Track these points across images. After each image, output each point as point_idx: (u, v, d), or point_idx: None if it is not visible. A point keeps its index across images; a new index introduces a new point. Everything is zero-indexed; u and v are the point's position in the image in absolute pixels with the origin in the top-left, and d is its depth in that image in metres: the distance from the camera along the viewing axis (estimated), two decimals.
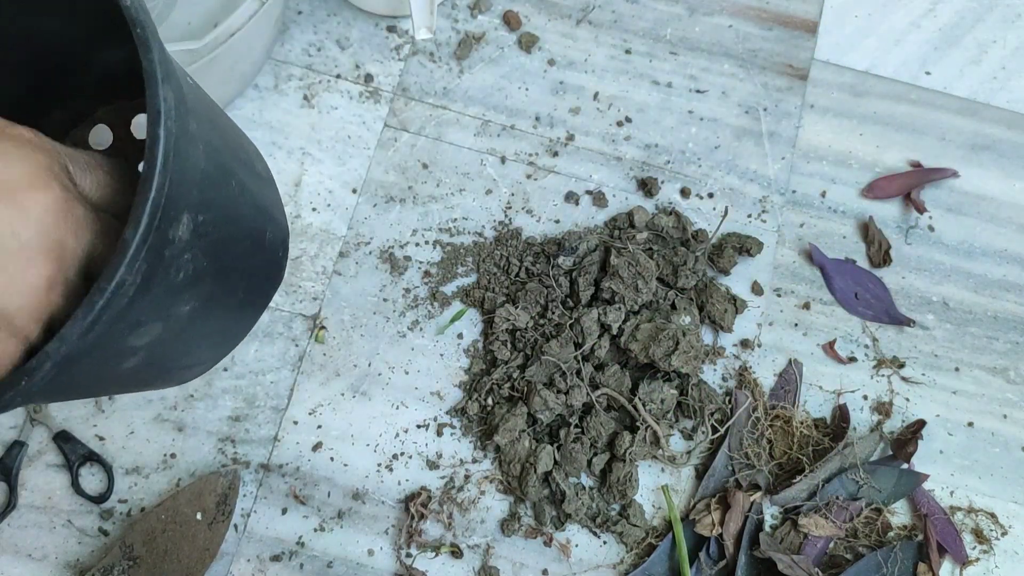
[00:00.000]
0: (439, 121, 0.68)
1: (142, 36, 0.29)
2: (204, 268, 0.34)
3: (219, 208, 0.34)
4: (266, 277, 0.43)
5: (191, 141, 0.31)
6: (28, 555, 0.57)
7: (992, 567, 0.60)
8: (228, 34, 0.58)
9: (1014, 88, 0.72)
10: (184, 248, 0.31)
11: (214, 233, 0.34)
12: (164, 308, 0.32)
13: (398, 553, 0.58)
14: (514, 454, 0.59)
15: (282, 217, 0.44)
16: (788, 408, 0.62)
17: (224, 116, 0.40)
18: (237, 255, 0.37)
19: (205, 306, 0.36)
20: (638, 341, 0.59)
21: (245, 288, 0.40)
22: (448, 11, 0.71)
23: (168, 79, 0.29)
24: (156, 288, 0.30)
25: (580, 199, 0.67)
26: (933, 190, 0.69)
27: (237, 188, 0.37)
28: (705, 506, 0.59)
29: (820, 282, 0.66)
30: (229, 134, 0.38)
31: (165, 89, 0.29)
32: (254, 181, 0.40)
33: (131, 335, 0.31)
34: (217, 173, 0.34)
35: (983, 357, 0.65)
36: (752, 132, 0.69)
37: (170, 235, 0.30)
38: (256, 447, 0.60)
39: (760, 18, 0.73)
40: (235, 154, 0.38)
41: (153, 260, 0.29)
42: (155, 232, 0.28)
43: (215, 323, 0.39)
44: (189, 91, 0.33)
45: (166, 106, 0.28)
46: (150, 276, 0.29)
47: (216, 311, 0.38)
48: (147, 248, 0.28)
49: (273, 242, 0.42)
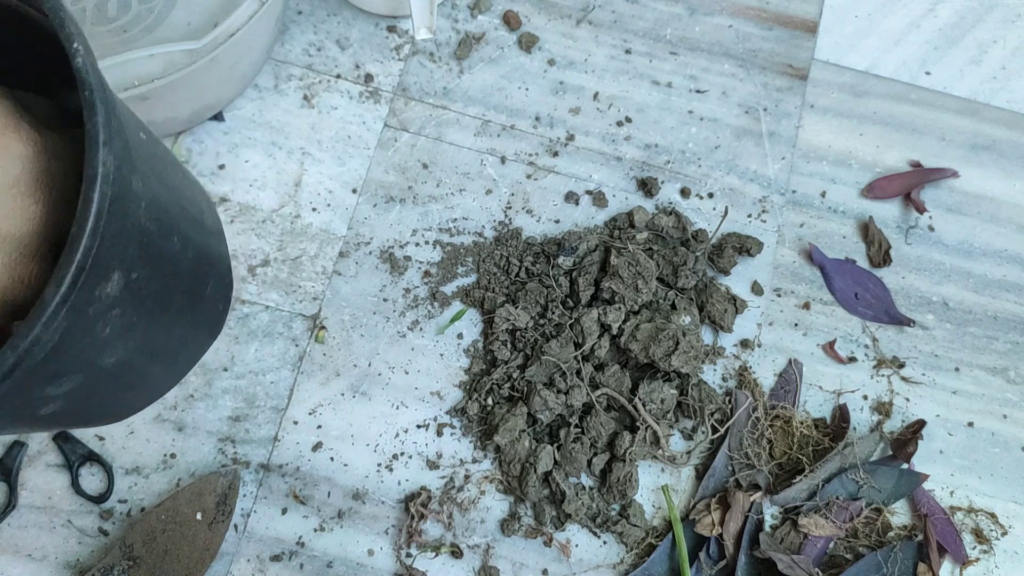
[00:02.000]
0: (439, 121, 0.68)
1: (89, 99, 0.29)
2: (135, 323, 0.34)
3: (158, 263, 0.34)
4: (203, 329, 0.43)
5: (133, 200, 0.31)
6: (28, 555, 0.57)
7: (992, 567, 0.60)
8: (228, 34, 0.58)
9: (1014, 88, 0.72)
10: (113, 304, 0.31)
11: (149, 287, 0.34)
12: (87, 360, 0.32)
13: (398, 553, 0.58)
14: (514, 454, 0.59)
15: (227, 272, 0.44)
16: (788, 408, 0.62)
17: (176, 169, 0.40)
18: (173, 308, 0.37)
19: (133, 358, 0.36)
20: (638, 341, 0.59)
21: (179, 339, 0.40)
22: (448, 11, 0.71)
23: (109, 143, 0.29)
24: (79, 343, 0.30)
25: (580, 199, 0.67)
26: (933, 190, 0.69)
27: (179, 243, 0.37)
28: (705, 506, 0.59)
29: (820, 282, 0.66)
30: (178, 188, 0.38)
31: (105, 152, 0.29)
32: (200, 235, 0.40)
33: (49, 385, 0.31)
34: (158, 230, 0.34)
35: (983, 357, 0.65)
36: (752, 132, 0.69)
37: (97, 293, 0.30)
38: (256, 447, 0.60)
39: (760, 18, 0.73)
40: (182, 208, 0.38)
41: (75, 318, 0.29)
42: (80, 290, 0.28)
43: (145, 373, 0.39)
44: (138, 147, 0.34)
45: (104, 170, 0.29)
46: (72, 332, 0.29)
47: (146, 363, 0.38)
48: (68, 307, 0.28)
49: (213, 294, 0.42)
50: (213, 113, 0.66)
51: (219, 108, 0.66)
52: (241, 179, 0.65)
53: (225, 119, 0.67)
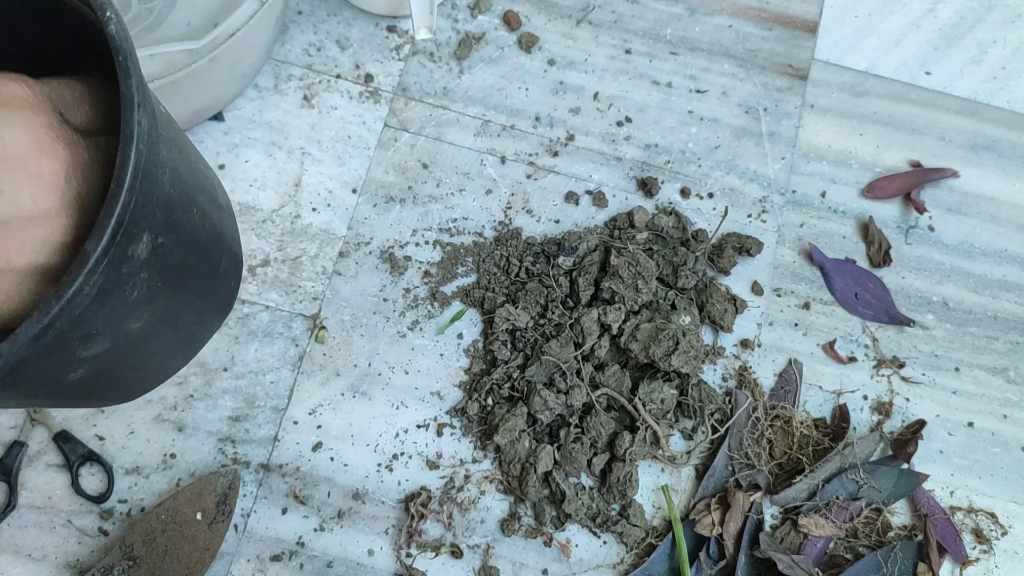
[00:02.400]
0: (439, 121, 0.68)
1: (123, 64, 0.30)
2: (159, 288, 0.35)
3: (179, 232, 0.36)
4: (217, 304, 0.45)
5: (159, 166, 0.33)
6: (28, 555, 0.57)
7: (992, 567, 0.60)
8: (228, 34, 0.58)
9: (1014, 88, 0.72)
10: (141, 267, 0.32)
11: (172, 255, 0.35)
12: (116, 323, 0.33)
13: (398, 553, 0.58)
14: (514, 454, 0.59)
15: (238, 249, 0.45)
16: (788, 408, 0.62)
17: (191, 145, 0.41)
18: (192, 279, 0.39)
19: (156, 326, 0.37)
20: (638, 341, 0.59)
21: (196, 311, 0.42)
22: (448, 11, 0.71)
23: (144, 104, 0.30)
24: (111, 302, 0.31)
25: (580, 199, 0.67)
26: (933, 190, 0.69)
27: (198, 215, 0.38)
28: (705, 506, 0.59)
29: (820, 282, 0.66)
30: (195, 163, 0.40)
31: (140, 114, 0.30)
32: (215, 210, 0.41)
33: (80, 346, 0.32)
34: (180, 198, 0.36)
35: (983, 357, 0.65)
36: (752, 132, 0.69)
37: (130, 252, 0.31)
38: (256, 447, 0.60)
39: (760, 18, 0.73)
40: (199, 183, 0.39)
41: (110, 274, 0.30)
42: (116, 247, 0.29)
43: (163, 343, 0.40)
44: (161, 119, 0.35)
45: (139, 130, 0.30)
46: (106, 290, 0.30)
47: (165, 332, 0.39)
48: (106, 262, 0.29)
49: (227, 271, 0.43)
50: (213, 113, 0.66)
51: (219, 108, 0.66)
52: (241, 179, 0.65)
53: (225, 119, 0.67)
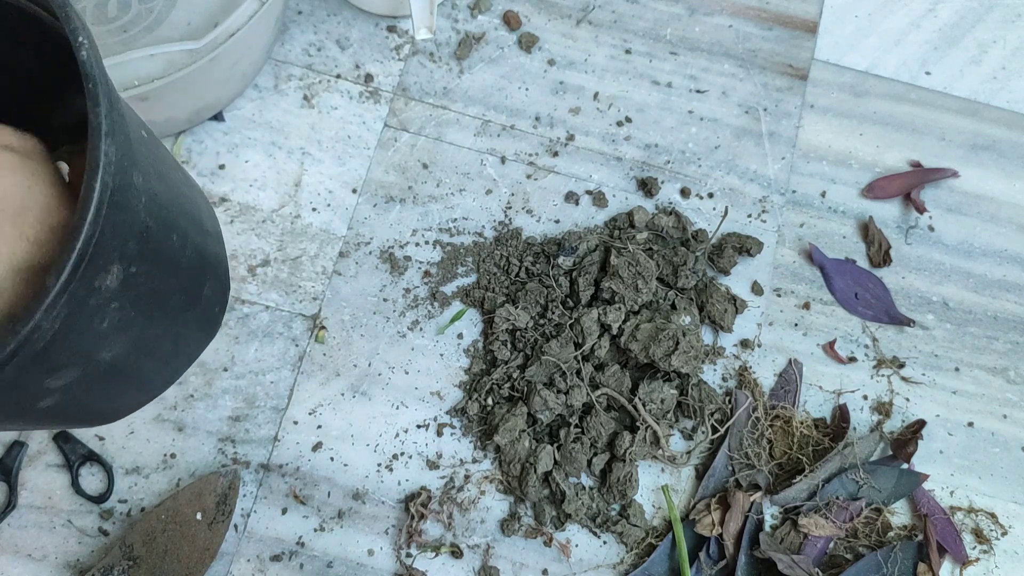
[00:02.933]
0: (439, 121, 0.68)
1: (92, 91, 0.30)
2: (132, 318, 0.34)
3: (157, 261, 0.35)
4: (199, 330, 0.44)
5: (134, 194, 0.32)
6: (28, 555, 0.57)
7: (992, 567, 0.60)
8: (228, 34, 0.58)
9: (1014, 88, 0.72)
10: (112, 297, 0.31)
11: (147, 284, 0.34)
12: (85, 354, 0.33)
13: (398, 553, 0.58)
14: (514, 454, 0.59)
15: (225, 274, 0.44)
16: (788, 408, 0.62)
17: (177, 170, 0.40)
18: (170, 307, 0.38)
19: (129, 354, 0.36)
20: (638, 341, 0.59)
21: (174, 338, 0.41)
22: (448, 11, 0.71)
23: (112, 134, 0.30)
24: (78, 334, 0.31)
25: (580, 199, 0.67)
26: (933, 190, 0.69)
27: (179, 242, 0.37)
28: (705, 506, 0.59)
29: (820, 282, 0.66)
30: (178, 188, 0.39)
31: (108, 143, 0.29)
32: (198, 235, 0.40)
33: (48, 377, 0.32)
34: (158, 226, 0.35)
35: (983, 357, 0.65)
36: (752, 132, 0.69)
37: (96, 284, 0.30)
38: (256, 447, 0.60)
39: (760, 18, 0.73)
40: (182, 208, 0.38)
41: (75, 307, 0.29)
42: (80, 280, 0.29)
43: (139, 370, 0.39)
44: (140, 144, 0.34)
45: (106, 160, 0.29)
46: (71, 322, 0.29)
47: (141, 359, 0.38)
48: (68, 295, 0.28)
49: (210, 297, 0.42)
50: (213, 113, 0.66)
51: (219, 108, 0.66)
52: (241, 179, 0.65)
53: (225, 119, 0.67)
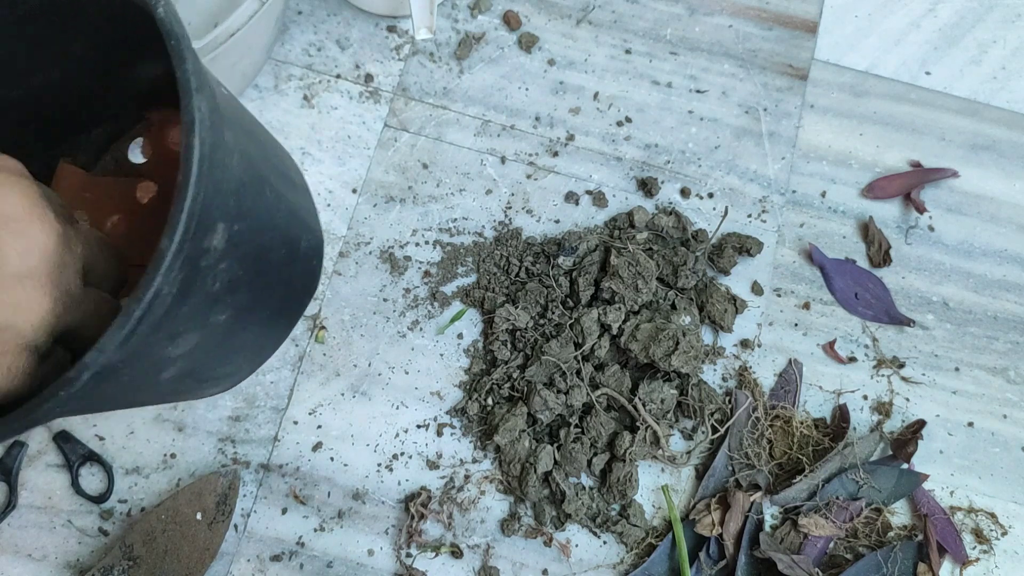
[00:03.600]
0: (439, 121, 0.68)
1: (176, 48, 0.29)
2: (240, 277, 0.34)
3: (255, 217, 0.34)
4: (301, 285, 0.43)
5: (227, 151, 0.31)
6: (28, 555, 0.57)
7: (992, 567, 0.60)
8: (228, 34, 0.58)
9: (1014, 88, 0.72)
10: (220, 257, 0.31)
11: (250, 242, 0.34)
12: (201, 317, 0.33)
13: (398, 553, 0.58)
14: (514, 454, 0.59)
15: (316, 225, 0.44)
16: (788, 408, 0.62)
17: (259, 125, 0.40)
18: (273, 264, 0.37)
19: (241, 315, 0.36)
20: (638, 341, 0.59)
21: (281, 296, 0.40)
22: (448, 11, 0.71)
23: (201, 89, 0.29)
24: (193, 298, 0.30)
25: (580, 199, 0.67)
26: (933, 190, 0.69)
27: (272, 197, 0.37)
28: (705, 506, 0.59)
29: (820, 282, 0.66)
30: (264, 143, 0.39)
31: (199, 99, 0.29)
32: (289, 189, 0.39)
33: (170, 345, 0.32)
34: (252, 182, 0.34)
35: (983, 357, 0.65)
36: (752, 132, 0.69)
37: (205, 244, 0.30)
38: (256, 447, 0.60)
39: (760, 18, 0.73)
40: (270, 163, 0.38)
41: (189, 270, 0.29)
42: (191, 242, 0.28)
43: (251, 332, 0.39)
44: (224, 101, 0.34)
45: (200, 116, 0.29)
46: (187, 286, 0.29)
47: (252, 320, 0.38)
48: (183, 258, 0.28)
49: (308, 250, 0.42)
50: None
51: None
52: None
53: None
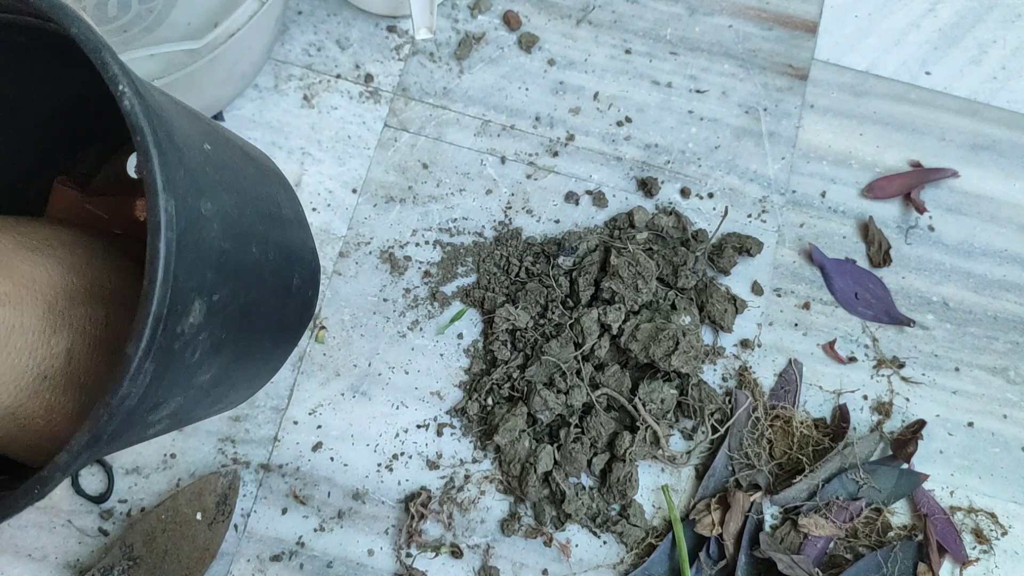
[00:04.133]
0: (439, 121, 0.68)
1: (142, 143, 0.28)
2: (223, 339, 0.33)
3: (238, 278, 0.33)
4: (295, 321, 0.42)
5: (204, 224, 0.30)
6: (28, 555, 0.57)
7: (992, 567, 0.60)
8: (228, 34, 0.58)
9: (1014, 88, 0.72)
10: (198, 331, 0.30)
11: (233, 303, 0.33)
12: (183, 385, 0.32)
13: (398, 553, 0.58)
14: (514, 454, 0.59)
15: (311, 256, 0.42)
16: (788, 408, 0.62)
17: (247, 165, 0.38)
18: (261, 314, 0.36)
19: (229, 368, 0.35)
20: (638, 341, 0.59)
21: (272, 338, 0.39)
22: (448, 11, 0.71)
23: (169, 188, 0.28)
24: (171, 374, 0.30)
25: (580, 199, 0.67)
26: (933, 190, 0.69)
27: (258, 251, 0.35)
28: (705, 506, 0.59)
29: (820, 282, 0.66)
30: (250, 190, 0.36)
31: (165, 199, 0.27)
32: (278, 231, 0.38)
33: (151, 414, 0.31)
34: (235, 245, 0.33)
35: (983, 357, 0.65)
36: (752, 132, 0.69)
37: (179, 330, 0.29)
38: (256, 447, 0.60)
39: (760, 18, 0.73)
40: (257, 212, 0.36)
41: (162, 358, 0.28)
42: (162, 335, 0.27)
43: (240, 375, 0.38)
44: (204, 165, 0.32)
45: (167, 217, 0.27)
46: (161, 370, 0.28)
47: (241, 367, 0.37)
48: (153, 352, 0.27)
49: (301, 285, 0.40)
50: (213, 113, 0.66)
51: (219, 108, 0.66)
52: None
53: (225, 119, 0.67)
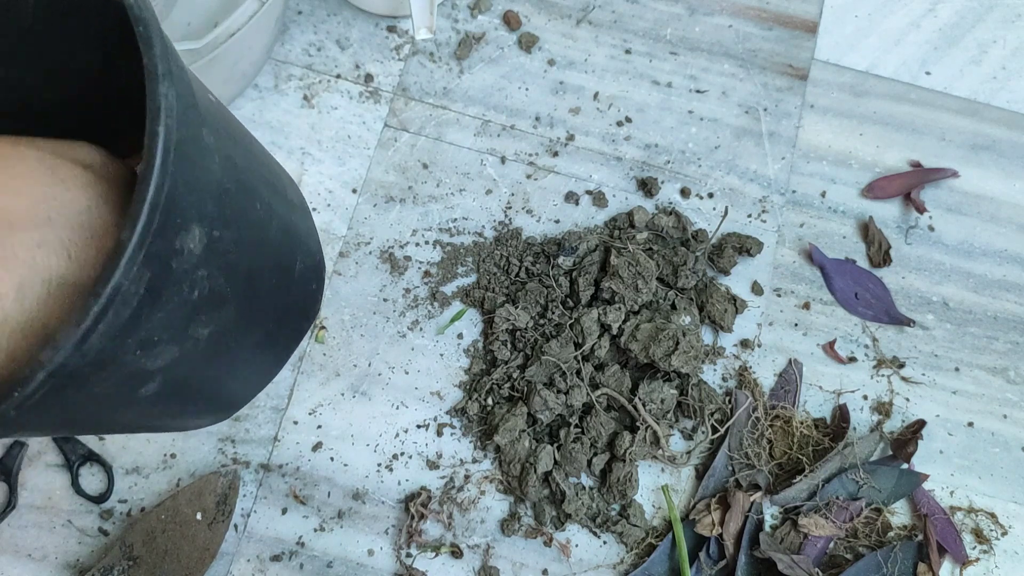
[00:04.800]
0: (439, 121, 0.68)
1: (144, 34, 0.28)
2: (225, 291, 0.33)
3: (241, 228, 0.33)
4: (298, 309, 0.42)
5: (205, 150, 0.31)
6: (28, 555, 0.57)
7: (992, 567, 0.60)
8: (228, 34, 0.58)
9: (1014, 88, 0.72)
10: (197, 263, 0.30)
11: (235, 253, 0.33)
12: (179, 329, 0.31)
13: (398, 553, 0.58)
14: (514, 454, 0.59)
15: (316, 247, 0.43)
16: (788, 408, 0.62)
17: (252, 138, 0.39)
18: (264, 283, 0.36)
19: (228, 334, 0.35)
20: (638, 341, 0.59)
21: (275, 319, 0.39)
22: (448, 11, 0.71)
23: (171, 77, 0.28)
24: (168, 303, 0.29)
25: (580, 199, 0.67)
26: (933, 190, 0.69)
27: (263, 211, 0.35)
28: (705, 506, 0.59)
29: (820, 282, 0.66)
30: (257, 157, 0.38)
31: (166, 86, 0.28)
32: (283, 206, 0.38)
33: (144, 356, 0.30)
34: (238, 191, 0.33)
35: (983, 357, 0.65)
36: (752, 132, 0.69)
37: (177, 245, 0.29)
38: (256, 447, 0.60)
39: (760, 18, 0.73)
40: (263, 177, 0.37)
41: (158, 269, 0.28)
42: (158, 237, 0.27)
43: (242, 355, 0.38)
44: (208, 106, 0.33)
45: (167, 103, 0.28)
46: (157, 288, 0.28)
47: (243, 343, 0.37)
48: (148, 254, 0.27)
49: (304, 273, 0.41)
50: None
51: None
52: None
53: None
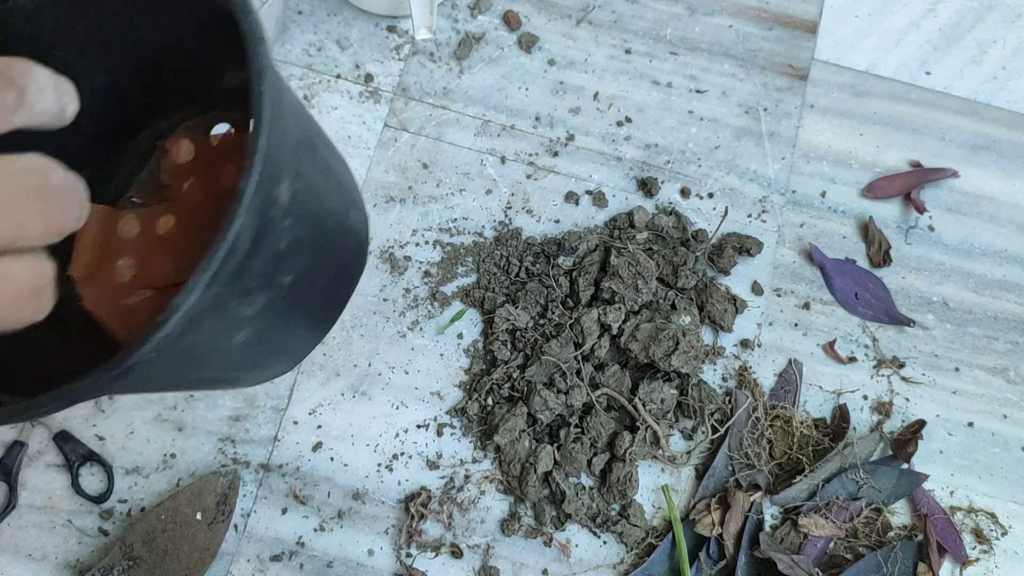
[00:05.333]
0: (439, 121, 0.68)
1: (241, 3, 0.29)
2: (302, 238, 0.34)
3: (310, 178, 0.35)
4: (353, 259, 0.44)
5: (286, 110, 0.32)
6: (28, 555, 0.57)
7: (992, 567, 0.60)
8: None
9: (1014, 88, 0.72)
10: (285, 213, 0.31)
11: (309, 202, 0.34)
12: (270, 276, 0.33)
13: (398, 553, 0.58)
14: (514, 454, 0.59)
15: (361, 202, 0.45)
16: (788, 408, 0.62)
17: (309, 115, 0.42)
18: (328, 229, 0.38)
19: (303, 282, 0.37)
20: (638, 341, 0.59)
21: (336, 267, 0.41)
22: (448, 11, 0.71)
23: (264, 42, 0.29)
24: (264, 251, 0.31)
25: (580, 199, 0.67)
26: (933, 190, 0.69)
27: (323, 163, 0.37)
28: (705, 506, 0.59)
29: (820, 282, 0.66)
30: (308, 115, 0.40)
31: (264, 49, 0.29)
32: (336, 162, 0.40)
33: (243, 303, 0.32)
34: (307, 145, 0.35)
35: (983, 357, 0.65)
36: (752, 132, 0.69)
37: (275, 195, 0.30)
38: (256, 447, 0.60)
39: (760, 18, 0.73)
40: (317, 133, 0.39)
41: (261, 219, 0.29)
42: (264, 187, 0.28)
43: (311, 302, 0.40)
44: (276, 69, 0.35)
45: (268, 62, 0.29)
46: (259, 236, 0.29)
47: (312, 289, 0.39)
48: (258, 203, 0.28)
49: (356, 224, 0.43)
50: None
51: None
52: None
53: None
